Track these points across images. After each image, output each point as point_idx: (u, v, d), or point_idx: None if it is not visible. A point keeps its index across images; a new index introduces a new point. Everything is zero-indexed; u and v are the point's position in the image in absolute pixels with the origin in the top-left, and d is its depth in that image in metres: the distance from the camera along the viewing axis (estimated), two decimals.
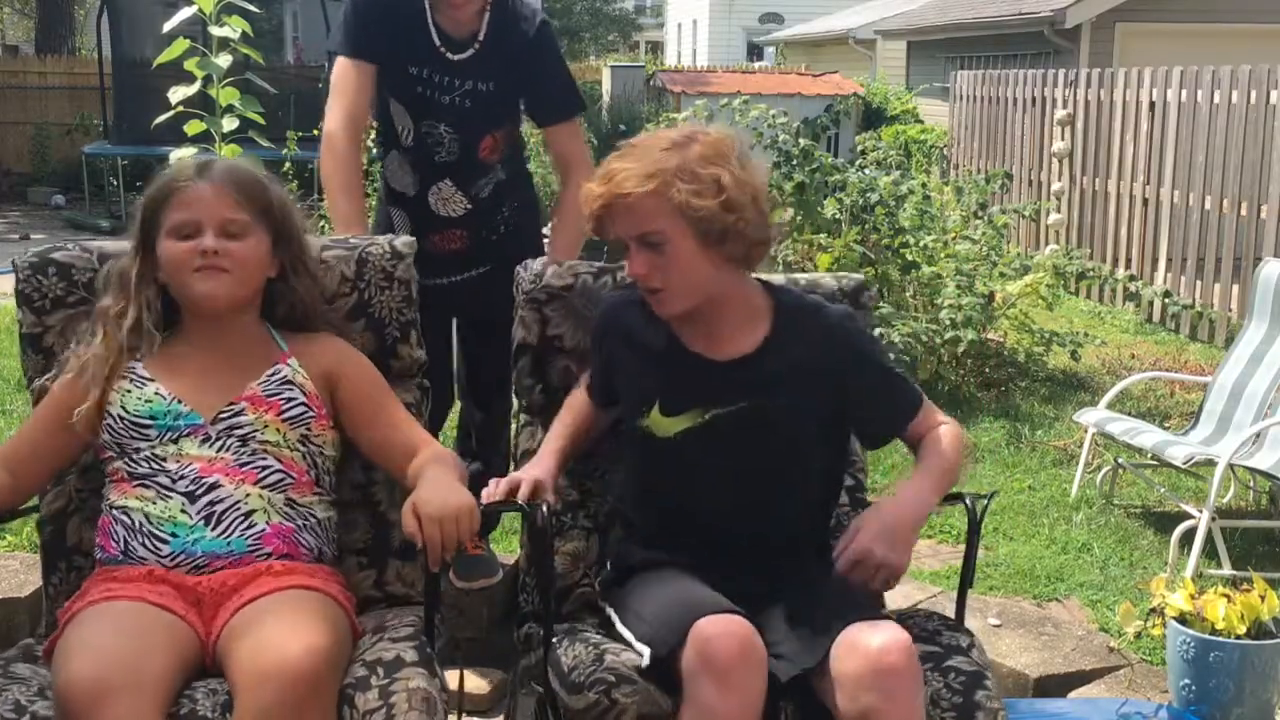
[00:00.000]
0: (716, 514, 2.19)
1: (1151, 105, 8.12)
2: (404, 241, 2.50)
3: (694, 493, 2.20)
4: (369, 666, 1.95)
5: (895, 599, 2.95)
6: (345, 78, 2.92)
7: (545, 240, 3.16)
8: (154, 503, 2.07)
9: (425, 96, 2.94)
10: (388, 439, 2.24)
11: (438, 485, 2.04)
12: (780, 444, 2.16)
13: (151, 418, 2.11)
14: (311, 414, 2.19)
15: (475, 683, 2.95)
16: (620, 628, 2.13)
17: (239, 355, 2.19)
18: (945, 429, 2.23)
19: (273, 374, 2.19)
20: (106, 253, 2.39)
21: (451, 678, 2.13)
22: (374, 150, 3.17)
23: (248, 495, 2.09)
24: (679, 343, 2.19)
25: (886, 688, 1.89)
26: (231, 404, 2.14)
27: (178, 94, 4.31)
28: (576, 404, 2.41)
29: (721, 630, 1.91)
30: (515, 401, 2.62)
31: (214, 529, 2.06)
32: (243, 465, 2.11)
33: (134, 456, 2.11)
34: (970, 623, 2.28)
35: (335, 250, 2.44)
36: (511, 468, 2.58)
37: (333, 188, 2.90)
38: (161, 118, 4.52)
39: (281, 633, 1.85)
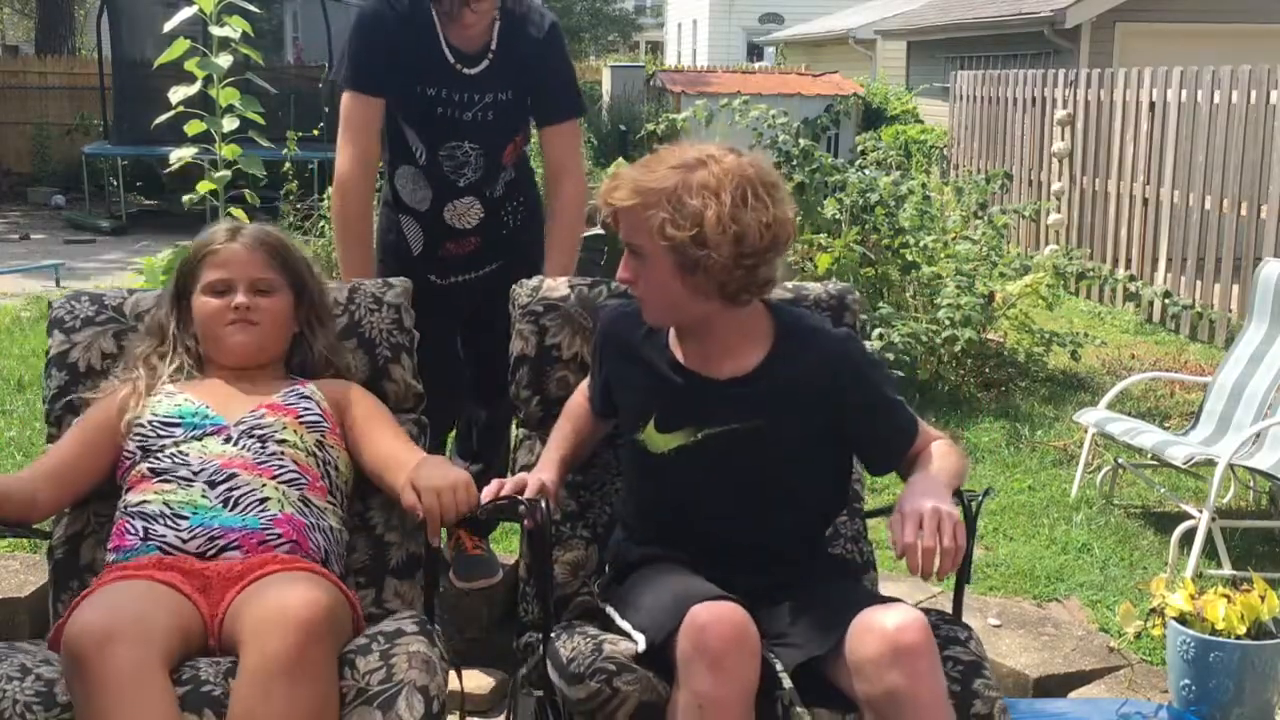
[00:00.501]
0: (711, 527, 2.20)
1: (1151, 105, 8.12)
2: (398, 281, 2.65)
3: (688, 507, 2.22)
4: (370, 636, 2.01)
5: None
6: (354, 115, 2.86)
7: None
8: (174, 492, 2.16)
9: (446, 117, 2.90)
10: (381, 451, 2.33)
11: (434, 465, 2.18)
12: (773, 463, 2.16)
13: (179, 418, 2.25)
14: (326, 425, 2.33)
15: (475, 683, 2.95)
16: (619, 622, 2.15)
17: (262, 384, 2.35)
18: (940, 442, 2.22)
19: (291, 390, 2.35)
20: (135, 289, 2.60)
21: (452, 678, 2.13)
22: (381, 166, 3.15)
23: (264, 485, 2.19)
24: (676, 360, 2.20)
25: (907, 665, 1.90)
26: (253, 410, 2.28)
27: (178, 94, 4.32)
28: (576, 412, 2.42)
29: (715, 617, 1.92)
30: (515, 414, 2.64)
31: (231, 509, 2.15)
32: (261, 463, 2.21)
33: (158, 454, 2.21)
34: (970, 622, 2.28)
35: (329, 284, 2.58)
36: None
37: (344, 236, 2.92)
38: (161, 118, 4.53)
39: (282, 591, 1.92)
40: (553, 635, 2.17)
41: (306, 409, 2.32)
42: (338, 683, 1.90)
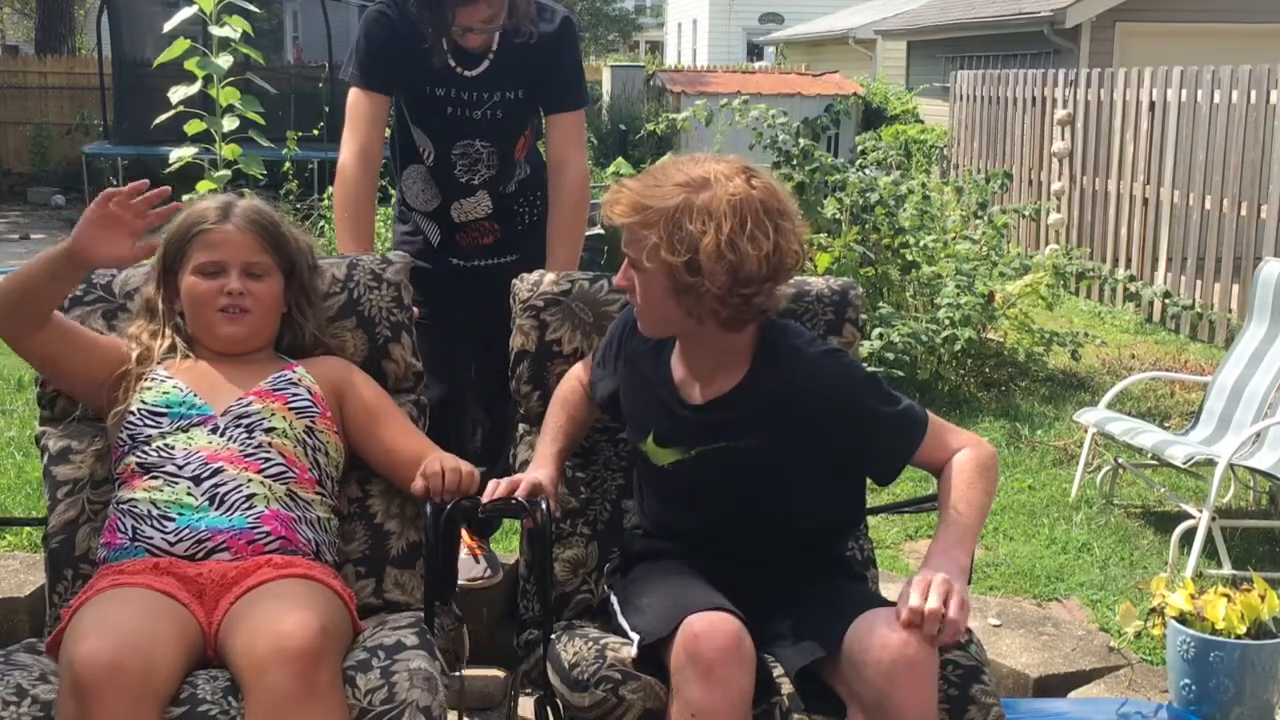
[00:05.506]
0: (713, 533, 2.21)
1: (1151, 105, 8.12)
2: (397, 255, 2.61)
3: (690, 513, 2.23)
4: (369, 651, 1.99)
5: None
6: (358, 109, 2.90)
7: None
8: (160, 490, 2.15)
9: (456, 116, 2.92)
10: (394, 447, 2.34)
11: (444, 455, 2.26)
12: (769, 478, 2.15)
13: (166, 407, 2.22)
14: (316, 409, 2.30)
15: (475, 682, 2.95)
16: (619, 616, 2.15)
17: (251, 369, 2.32)
18: (964, 459, 2.10)
19: (279, 376, 2.32)
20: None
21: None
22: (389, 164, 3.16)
23: (250, 480, 2.17)
24: (669, 380, 2.19)
25: (907, 675, 1.90)
26: (241, 399, 2.25)
27: (178, 94, 4.32)
28: (571, 399, 2.42)
29: (709, 627, 1.92)
30: (515, 410, 2.63)
31: (216, 508, 2.13)
32: (247, 455, 2.19)
33: (145, 447, 2.20)
34: (970, 622, 2.27)
35: (327, 259, 2.55)
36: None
37: (342, 223, 2.93)
38: (162, 117, 4.53)
39: (274, 615, 1.90)
40: (553, 636, 2.17)
41: (295, 394, 2.29)
42: (344, 692, 1.89)
